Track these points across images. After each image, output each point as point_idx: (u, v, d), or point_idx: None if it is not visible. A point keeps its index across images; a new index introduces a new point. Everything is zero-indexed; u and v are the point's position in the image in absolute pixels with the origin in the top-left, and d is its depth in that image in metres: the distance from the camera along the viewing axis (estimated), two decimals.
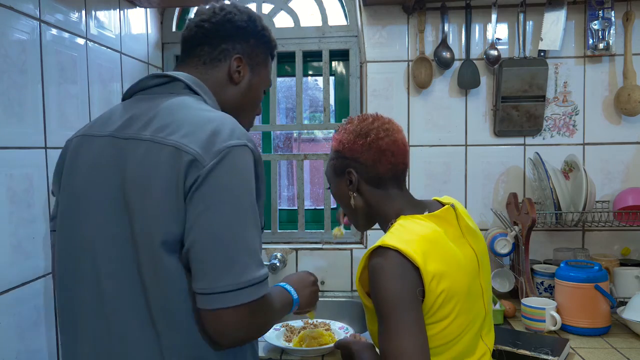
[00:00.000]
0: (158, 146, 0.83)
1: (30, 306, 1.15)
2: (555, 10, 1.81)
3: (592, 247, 1.87)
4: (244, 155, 0.84)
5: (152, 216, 0.81)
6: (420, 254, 0.89)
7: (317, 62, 2.14)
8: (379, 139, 1.03)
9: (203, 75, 1.00)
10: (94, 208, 0.88)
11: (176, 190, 0.80)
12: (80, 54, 1.41)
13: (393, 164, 1.03)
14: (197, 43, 1.02)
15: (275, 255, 1.97)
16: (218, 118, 0.88)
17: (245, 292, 0.79)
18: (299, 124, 2.08)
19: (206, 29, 1.01)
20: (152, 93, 0.96)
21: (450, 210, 1.03)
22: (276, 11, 2.06)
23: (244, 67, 1.03)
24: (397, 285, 0.88)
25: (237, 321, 0.80)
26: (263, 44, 1.07)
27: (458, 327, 0.94)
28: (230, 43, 1.02)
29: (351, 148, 1.04)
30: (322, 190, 2.12)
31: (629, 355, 1.33)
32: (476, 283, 1.01)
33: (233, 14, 1.02)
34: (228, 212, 0.80)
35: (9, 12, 1.12)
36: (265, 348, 1.46)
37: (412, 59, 1.91)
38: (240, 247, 0.80)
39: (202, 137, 0.82)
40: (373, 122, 1.05)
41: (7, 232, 1.09)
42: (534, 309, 1.50)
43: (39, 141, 1.21)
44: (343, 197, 1.09)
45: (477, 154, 1.92)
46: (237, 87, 1.03)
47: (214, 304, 0.78)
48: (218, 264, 0.78)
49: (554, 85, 1.87)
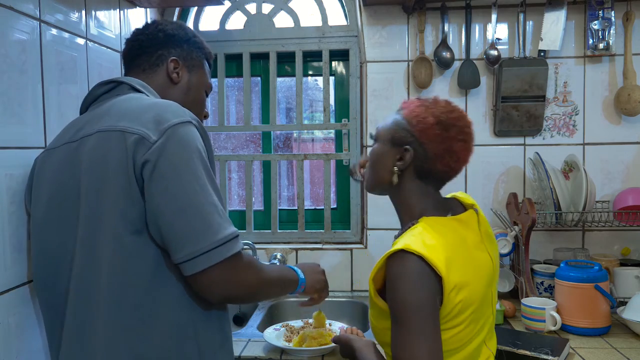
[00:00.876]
0: (106, 134, 0.90)
1: (30, 306, 1.15)
2: (555, 10, 1.81)
3: (592, 247, 1.87)
4: (189, 129, 0.90)
5: (107, 198, 0.88)
6: (443, 262, 0.87)
7: (317, 62, 2.14)
8: (456, 140, 0.96)
9: (146, 80, 1.09)
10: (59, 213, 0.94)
11: (126, 170, 0.87)
12: (80, 54, 1.41)
13: (452, 168, 0.99)
14: (135, 54, 1.12)
15: (275, 255, 1.97)
16: (161, 102, 0.96)
17: (225, 247, 0.86)
18: (299, 124, 2.08)
19: (142, 40, 1.12)
20: (101, 100, 1.04)
21: (474, 215, 1.01)
22: (276, 11, 2.06)
23: (182, 68, 1.13)
24: (418, 293, 0.86)
25: (224, 277, 0.87)
26: (196, 49, 1.16)
27: (467, 334, 0.93)
28: (165, 49, 1.12)
29: (424, 130, 0.97)
30: (322, 190, 2.12)
31: (629, 355, 1.33)
32: (489, 291, 0.99)
33: (164, 25, 1.14)
34: (191, 182, 0.86)
35: (9, 12, 1.12)
36: (265, 348, 1.46)
37: (412, 59, 1.91)
38: (210, 209, 0.87)
39: (145, 119, 0.89)
40: (458, 120, 0.98)
41: (7, 232, 1.09)
42: (534, 309, 1.50)
43: (39, 141, 1.21)
44: (382, 165, 1.02)
45: (477, 154, 1.88)
46: (178, 87, 1.12)
47: (201, 265, 0.85)
48: (195, 230, 0.85)
49: (554, 85, 1.87)
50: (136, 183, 0.86)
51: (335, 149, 2.14)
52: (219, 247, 0.85)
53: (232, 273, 0.88)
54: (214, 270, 0.85)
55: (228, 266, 0.87)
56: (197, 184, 0.86)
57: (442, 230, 0.93)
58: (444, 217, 0.97)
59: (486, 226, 1.03)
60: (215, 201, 0.88)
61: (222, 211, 0.89)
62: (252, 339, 1.53)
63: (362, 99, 2.00)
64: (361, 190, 2.02)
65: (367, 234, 1.97)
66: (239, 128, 2.12)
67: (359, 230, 2.05)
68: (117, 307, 0.88)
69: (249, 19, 2.07)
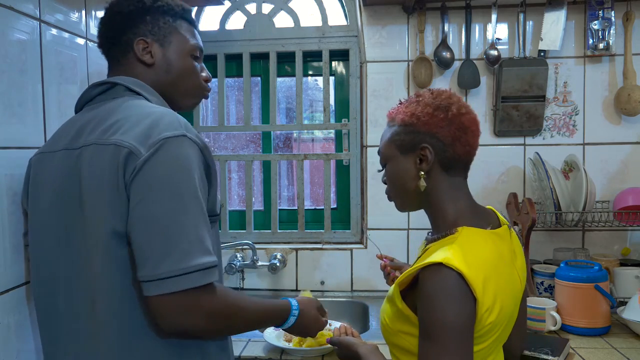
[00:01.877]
0: (102, 147, 0.87)
1: (31, 306, 1.15)
2: (555, 10, 1.81)
3: (592, 247, 1.87)
4: (181, 144, 0.85)
5: (100, 212, 0.85)
6: (481, 282, 0.83)
7: (317, 62, 2.14)
8: (462, 115, 0.92)
9: (126, 73, 1.02)
10: (60, 220, 0.92)
11: (117, 184, 0.83)
12: (80, 54, 1.41)
13: (471, 145, 0.94)
14: (106, 48, 1.05)
15: (275, 255, 1.97)
16: (156, 112, 0.90)
17: (185, 278, 0.79)
18: (299, 124, 2.08)
19: (104, 31, 1.04)
20: (97, 102, 0.99)
21: (507, 231, 0.98)
22: (276, 11, 2.06)
23: (152, 45, 1.02)
24: (457, 311, 0.81)
25: (179, 308, 0.80)
26: (162, 13, 1.03)
27: (487, 351, 0.91)
28: (129, 31, 1.02)
29: (429, 122, 0.92)
30: (322, 190, 2.12)
31: (629, 355, 1.33)
32: (516, 310, 0.97)
33: (120, 4, 1.02)
34: (165, 200, 0.81)
35: (9, 12, 1.12)
36: (265, 348, 1.46)
37: (412, 59, 1.91)
38: (178, 233, 0.80)
39: (138, 131, 0.85)
40: (451, 97, 0.95)
41: (7, 232, 1.09)
42: (534, 309, 1.49)
43: (39, 141, 1.21)
44: (405, 178, 0.96)
45: (477, 154, 1.90)
46: (155, 68, 1.03)
47: (153, 291, 0.79)
48: (156, 251, 0.79)
49: (554, 85, 1.87)
50: (127, 198, 0.83)
51: (335, 149, 2.14)
52: (176, 277, 0.78)
53: (189, 305, 0.80)
54: (166, 298, 0.79)
55: (186, 298, 0.79)
56: (174, 204, 0.81)
57: (482, 245, 0.88)
58: (485, 229, 0.92)
59: (518, 244, 1.00)
60: (189, 226, 0.81)
61: (197, 238, 0.81)
62: (252, 339, 1.53)
63: (362, 99, 2.00)
64: (361, 190, 2.02)
65: (367, 234, 1.97)
66: (239, 128, 2.12)
67: (359, 230, 2.05)
68: (113, 315, 0.87)
69: (249, 19, 2.07)
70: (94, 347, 0.88)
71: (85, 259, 0.88)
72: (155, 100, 1.00)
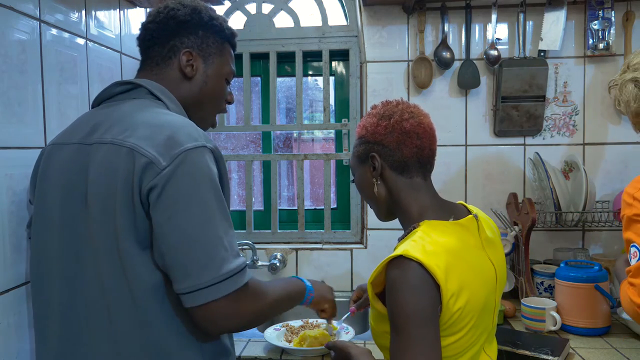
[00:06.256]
0: (117, 148, 0.87)
1: (31, 306, 1.15)
2: (555, 10, 1.81)
3: (592, 247, 1.87)
4: (202, 155, 0.87)
5: (107, 213, 0.85)
6: (442, 269, 0.85)
7: (317, 62, 2.14)
8: (403, 120, 0.98)
9: (159, 77, 1.03)
10: (64, 215, 0.91)
11: (131, 190, 0.84)
12: (80, 54, 1.41)
13: (418, 147, 0.98)
14: (147, 45, 1.04)
15: (275, 255, 1.97)
16: (175, 122, 0.90)
17: (226, 283, 0.83)
18: (299, 124, 2.08)
19: (152, 29, 1.03)
20: (116, 100, 0.99)
21: (473, 221, 1.00)
22: (276, 11, 2.06)
23: (196, 59, 1.04)
24: (417, 300, 0.84)
25: (225, 311, 0.84)
26: (214, 33, 1.06)
27: (466, 341, 0.92)
28: (177, 39, 1.02)
29: (374, 131, 1.00)
30: (322, 190, 2.12)
31: (629, 355, 1.33)
32: (491, 298, 0.98)
33: (176, 10, 1.03)
34: (198, 214, 0.83)
35: (9, 12, 1.12)
36: (265, 348, 1.46)
37: (412, 59, 1.91)
38: (215, 243, 0.84)
39: (158, 141, 0.85)
40: (397, 105, 1.01)
41: (7, 232, 1.09)
42: (534, 309, 1.49)
43: (39, 141, 1.21)
44: (366, 186, 1.04)
45: (477, 154, 1.92)
46: (192, 82, 1.04)
47: (200, 300, 0.82)
48: (198, 263, 0.82)
49: (554, 85, 1.87)
50: (141, 206, 0.84)
51: (335, 149, 2.14)
52: (221, 282, 0.83)
53: (233, 307, 0.85)
54: (213, 304, 0.83)
55: (229, 301, 0.84)
56: (205, 215, 0.84)
57: (443, 235, 0.91)
58: (446, 221, 0.96)
59: (487, 233, 1.01)
60: (222, 234, 0.84)
61: (230, 244, 0.85)
62: (252, 339, 1.53)
63: (362, 99, 2.00)
64: None
65: (367, 234, 1.97)
66: (239, 128, 2.12)
67: (359, 230, 2.05)
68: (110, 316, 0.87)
69: (249, 19, 2.07)
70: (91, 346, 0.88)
71: (86, 258, 0.88)
72: (174, 108, 0.99)
